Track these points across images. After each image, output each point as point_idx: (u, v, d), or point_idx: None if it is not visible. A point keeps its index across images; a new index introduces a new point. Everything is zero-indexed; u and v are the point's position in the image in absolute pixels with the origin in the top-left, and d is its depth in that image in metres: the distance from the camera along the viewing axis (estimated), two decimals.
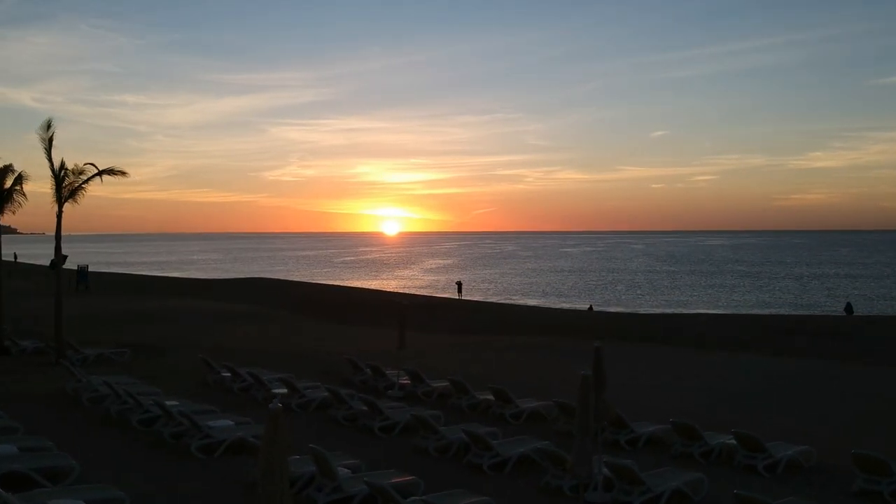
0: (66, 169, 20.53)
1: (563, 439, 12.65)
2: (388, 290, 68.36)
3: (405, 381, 16.50)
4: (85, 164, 20.77)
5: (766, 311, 52.83)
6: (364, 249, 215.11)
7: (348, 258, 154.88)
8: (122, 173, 20.90)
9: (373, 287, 73.24)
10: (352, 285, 73.03)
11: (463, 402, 14.75)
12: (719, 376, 20.11)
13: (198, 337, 26.63)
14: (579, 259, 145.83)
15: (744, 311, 52.53)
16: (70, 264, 57.96)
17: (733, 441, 11.73)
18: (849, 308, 46.74)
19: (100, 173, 20.56)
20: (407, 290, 68.71)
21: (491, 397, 14.50)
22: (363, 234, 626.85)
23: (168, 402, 12.89)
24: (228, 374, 16.41)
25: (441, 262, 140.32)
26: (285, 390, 14.69)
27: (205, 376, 17.15)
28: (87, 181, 20.58)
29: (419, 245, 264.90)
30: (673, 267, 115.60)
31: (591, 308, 54.29)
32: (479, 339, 28.55)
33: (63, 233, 20.89)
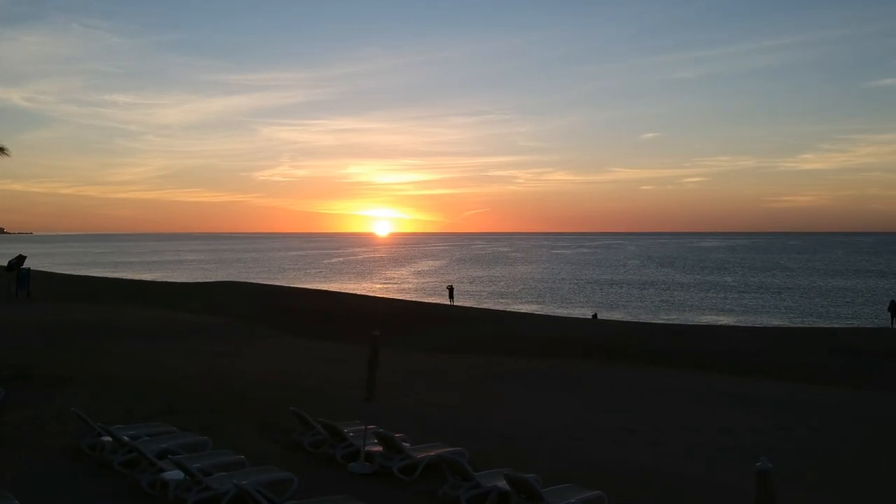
0: None
1: None
2: (375, 295, 63.08)
3: (375, 447, 11.18)
4: None
5: (800, 323, 47.87)
6: (355, 250, 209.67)
7: (337, 259, 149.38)
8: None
9: (360, 292, 68.02)
10: (338, 289, 67.71)
11: (462, 492, 9.44)
12: (815, 429, 14.60)
13: (126, 361, 21.21)
14: (574, 260, 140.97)
15: (777, 323, 47.53)
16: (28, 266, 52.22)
17: None
18: (893, 307, 42.01)
19: None
20: (395, 296, 63.32)
21: (505, 485, 9.18)
22: (354, 234, 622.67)
23: None
24: (109, 439, 11.02)
25: (433, 263, 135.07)
26: (181, 476, 9.31)
27: (80, 439, 11.74)
28: None
29: (410, 245, 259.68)
30: (672, 269, 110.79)
31: (595, 316, 49.70)
32: (477, 361, 23.25)
33: (52, 232, 15.59)
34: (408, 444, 11.30)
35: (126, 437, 10.79)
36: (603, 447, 12.71)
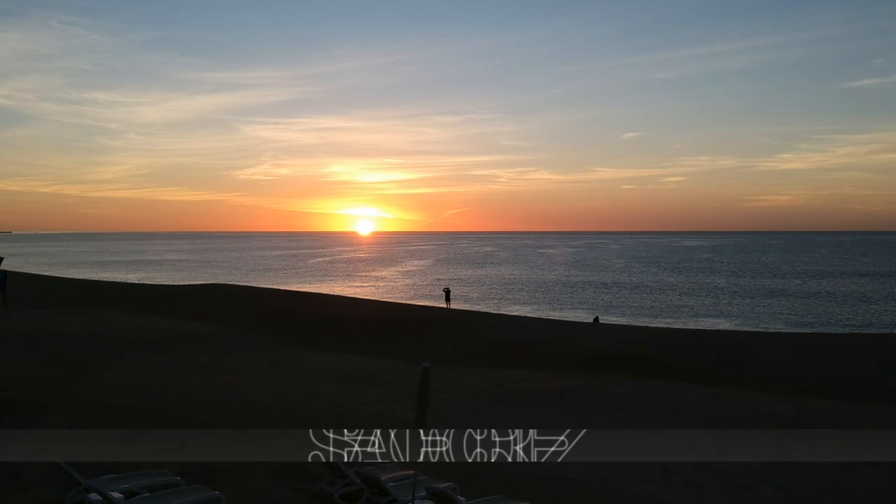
0: None
1: None
2: (369, 298, 60.98)
3: (425, 502, 9.24)
4: None
5: (809, 329, 46.47)
6: (339, 249, 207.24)
7: (322, 259, 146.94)
8: None
9: (352, 293, 65.95)
10: (328, 291, 65.65)
11: None
12: None
13: (113, 381, 19.08)
14: (560, 260, 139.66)
15: (783, 328, 46.09)
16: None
17: None
18: None
19: None
20: (389, 298, 61.25)
21: None
22: (337, 233, 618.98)
23: None
24: (98, 498, 8.97)
25: (420, 262, 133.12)
26: None
27: (63, 493, 9.68)
28: None
29: (394, 245, 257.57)
30: (660, 269, 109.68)
31: (596, 319, 48.13)
32: (497, 376, 21.35)
33: (31, 231, 13.28)
34: (463, 499, 9.38)
35: (118, 495, 8.77)
36: (683, 494, 10.86)
